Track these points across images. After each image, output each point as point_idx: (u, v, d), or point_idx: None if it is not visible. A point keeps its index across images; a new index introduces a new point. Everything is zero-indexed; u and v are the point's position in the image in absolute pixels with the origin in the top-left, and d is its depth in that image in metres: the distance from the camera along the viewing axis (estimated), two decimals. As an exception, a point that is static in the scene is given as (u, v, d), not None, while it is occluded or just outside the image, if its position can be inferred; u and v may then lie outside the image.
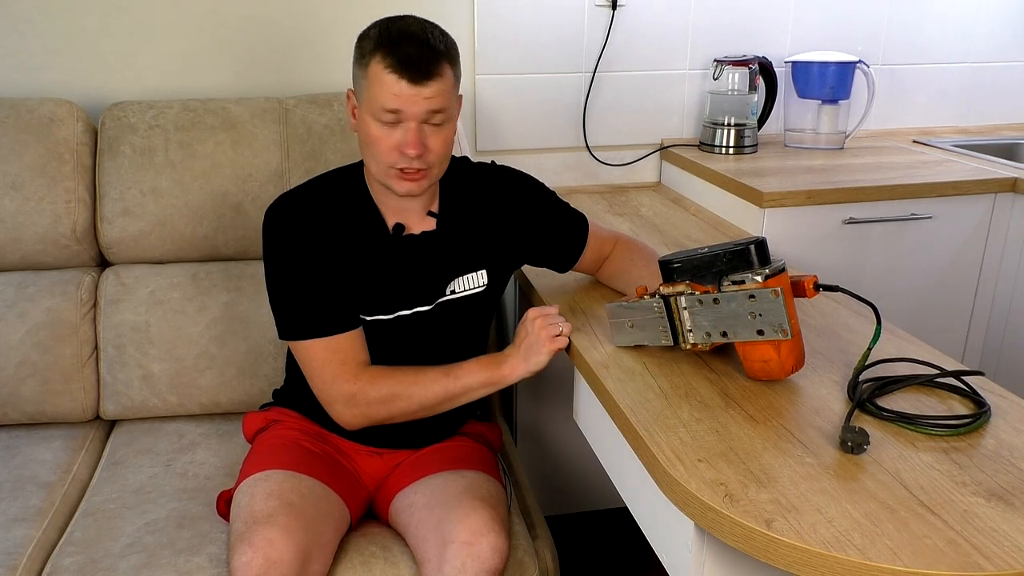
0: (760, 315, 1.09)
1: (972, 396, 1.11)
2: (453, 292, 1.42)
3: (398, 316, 1.39)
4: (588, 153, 2.23)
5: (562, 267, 1.53)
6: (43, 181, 1.74)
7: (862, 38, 2.31)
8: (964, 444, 1.01)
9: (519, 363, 1.33)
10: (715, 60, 2.17)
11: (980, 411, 1.06)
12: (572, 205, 1.54)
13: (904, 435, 1.03)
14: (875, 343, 1.13)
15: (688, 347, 1.19)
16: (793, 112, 2.28)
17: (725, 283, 1.12)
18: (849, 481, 0.94)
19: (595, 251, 1.52)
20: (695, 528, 1.00)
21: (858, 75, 2.19)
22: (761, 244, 1.12)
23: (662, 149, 2.26)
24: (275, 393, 1.61)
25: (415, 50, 1.24)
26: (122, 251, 1.80)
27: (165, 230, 1.78)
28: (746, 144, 2.17)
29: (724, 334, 1.13)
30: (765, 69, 2.20)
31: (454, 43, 1.31)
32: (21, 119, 1.75)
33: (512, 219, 1.45)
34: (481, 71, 2.12)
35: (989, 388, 1.13)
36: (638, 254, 1.50)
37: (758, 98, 2.20)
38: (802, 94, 2.23)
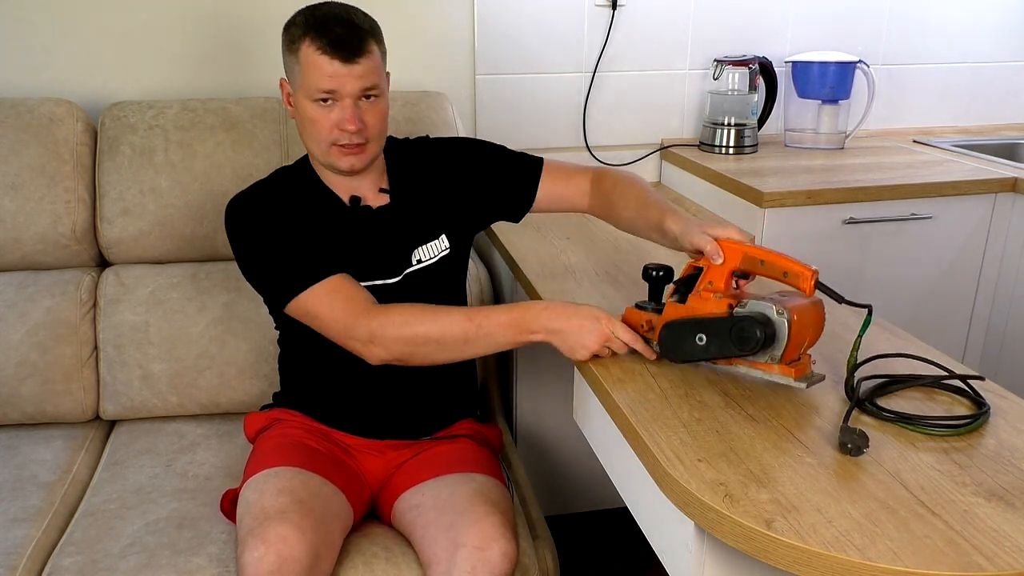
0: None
1: (972, 396, 1.11)
2: (420, 261, 1.45)
3: (372, 286, 1.40)
4: (588, 153, 2.23)
5: (520, 208, 1.52)
6: (43, 181, 1.74)
7: (862, 38, 2.31)
8: (964, 444, 1.01)
9: (551, 335, 1.23)
10: (715, 60, 2.17)
11: (980, 411, 1.06)
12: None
13: (904, 435, 1.03)
14: (864, 332, 1.13)
15: None
16: (793, 112, 2.28)
17: (745, 367, 1.14)
18: (849, 481, 0.94)
19: (560, 186, 1.49)
20: (695, 528, 1.00)
21: (858, 75, 2.19)
22: (768, 332, 1.09)
23: (662, 149, 2.26)
24: (275, 396, 1.61)
25: (343, 30, 1.30)
26: (122, 251, 1.80)
27: (165, 230, 1.78)
28: (746, 144, 2.17)
29: None
30: (765, 69, 2.20)
31: (377, 24, 1.37)
32: (21, 119, 1.75)
33: (459, 178, 1.49)
34: (481, 71, 2.12)
35: (989, 388, 1.13)
36: (617, 189, 1.44)
37: (758, 98, 2.20)
38: (802, 94, 2.23)
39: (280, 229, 1.36)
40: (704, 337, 1.12)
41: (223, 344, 1.75)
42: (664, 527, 1.10)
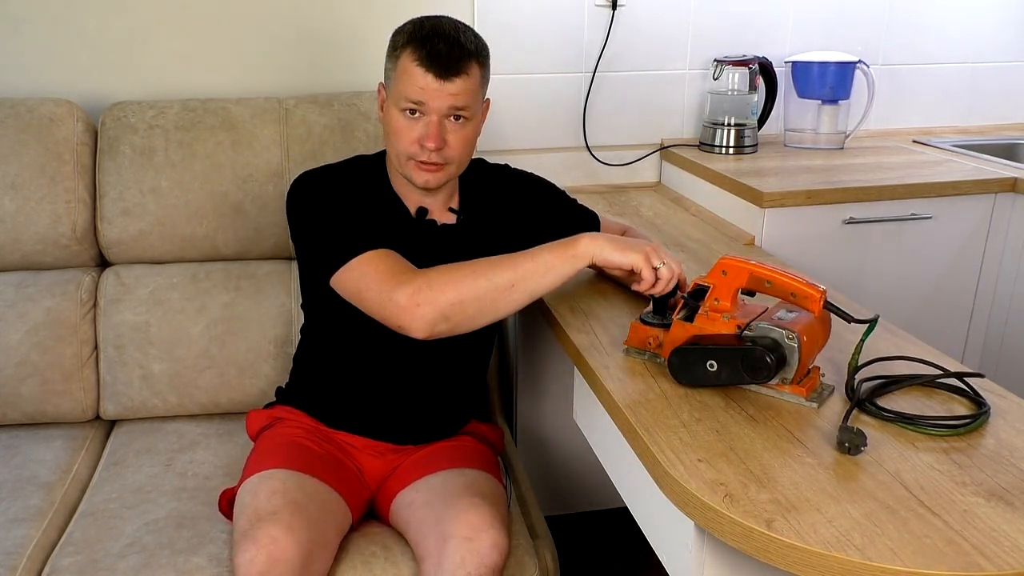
0: None
1: (972, 396, 1.11)
2: None
3: None
4: (588, 153, 2.23)
5: None
6: (43, 181, 1.74)
7: (862, 38, 2.31)
8: (964, 444, 1.01)
9: (596, 238, 1.24)
10: (715, 60, 2.17)
11: (980, 411, 1.06)
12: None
13: (904, 435, 1.03)
14: (867, 336, 1.13)
15: None
16: (793, 112, 2.28)
17: (755, 386, 1.15)
18: (849, 481, 0.94)
19: None
20: (695, 528, 1.00)
21: (858, 75, 2.19)
22: (779, 357, 1.09)
23: (662, 149, 2.26)
24: (279, 391, 1.61)
25: (444, 47, 1.29)
26: (122, 251, 1.80)
27: (165, 230, 1.78)
28: (746, 144, 2.17)
29: None
30: (765, 69, 2.20)
31: (486, 46, 1.36)
32: (21, 119, 1.75)
33: (528, 218, 1.51)
34: (481, 71, 2.11)
35: (989, 388, 1.13)
36: None
37: (758, 98, 2.20)
38: (802, 94, 2.23)
39: (339, 204, 1.35)
40: (715, 364, 1.12)
41: (223, 344, 1.75)
42: (664, 527, 1.10)
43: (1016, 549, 0.83)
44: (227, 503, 1.42)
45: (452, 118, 1.33)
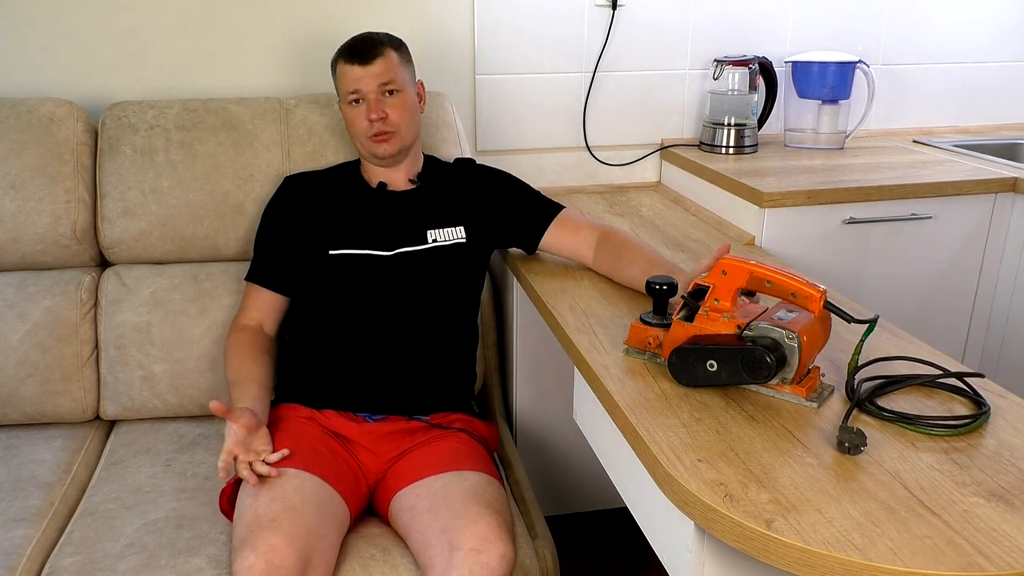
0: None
1: (972, 396, 1.11)
2: (435, 240, 1.61)
3: (365, 255, 1.58)
4: (588, 153, 2.23)
5: (528, 243, 1.68)
6: (43, 181, 1.74)
7: (862, 38, 2.31)
8: (964, 444, 1.01)
9: (250, 433, 1.40)
10: (715, 60, 2.17)
11: (980, 411, 1.06)
12: (571, 204, 1.61)
13: (904, 435, 1.03)
14: (866, 337, 1.13)
15: None
16: (793, 112, 2.28)
17: (755, 386, 1.15)
18: (849, 481, 0.94)
19: (568, 236, 1.64)
20: (695, 528, 1.00)
21: (858, 75, 2.19)
22: (779, 357, 1.10)
23: (662, 149, 2.26)
24: (275, 389, 1.63)
25: (360, 42, 1.59)
26: (122, 251, 1.80)
27: (166, 230, 1.78)
28: (746, 144, 2.17)
29: None
30: (765, 69, 2.20)
31: (401, 41, 1.63)
32: (21, 119, 1.75)
33: (484, 193, 1.68)
34: (481, 71, 2.12)
35: (989, 388, 1.13)
36: (625, 249, 1.55)
37: (758, 98, 2.20)
38: (802, 94, 2.23)
39: (276, 224, 1.65)
40: (715, 364, 1.12)
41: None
42: (664, 527, 1.10)
43: (1016, 549, 0.83)
44: (227, 501, 1.42)
45: (386, 94, 1.57)
